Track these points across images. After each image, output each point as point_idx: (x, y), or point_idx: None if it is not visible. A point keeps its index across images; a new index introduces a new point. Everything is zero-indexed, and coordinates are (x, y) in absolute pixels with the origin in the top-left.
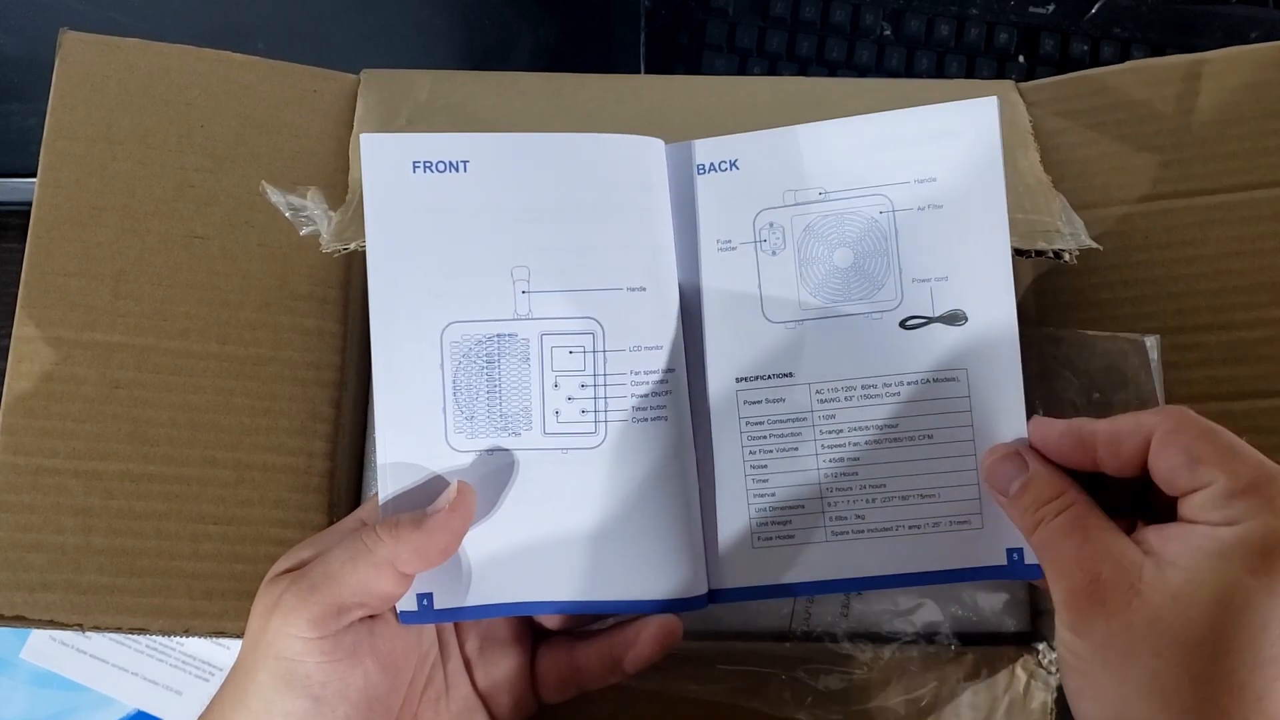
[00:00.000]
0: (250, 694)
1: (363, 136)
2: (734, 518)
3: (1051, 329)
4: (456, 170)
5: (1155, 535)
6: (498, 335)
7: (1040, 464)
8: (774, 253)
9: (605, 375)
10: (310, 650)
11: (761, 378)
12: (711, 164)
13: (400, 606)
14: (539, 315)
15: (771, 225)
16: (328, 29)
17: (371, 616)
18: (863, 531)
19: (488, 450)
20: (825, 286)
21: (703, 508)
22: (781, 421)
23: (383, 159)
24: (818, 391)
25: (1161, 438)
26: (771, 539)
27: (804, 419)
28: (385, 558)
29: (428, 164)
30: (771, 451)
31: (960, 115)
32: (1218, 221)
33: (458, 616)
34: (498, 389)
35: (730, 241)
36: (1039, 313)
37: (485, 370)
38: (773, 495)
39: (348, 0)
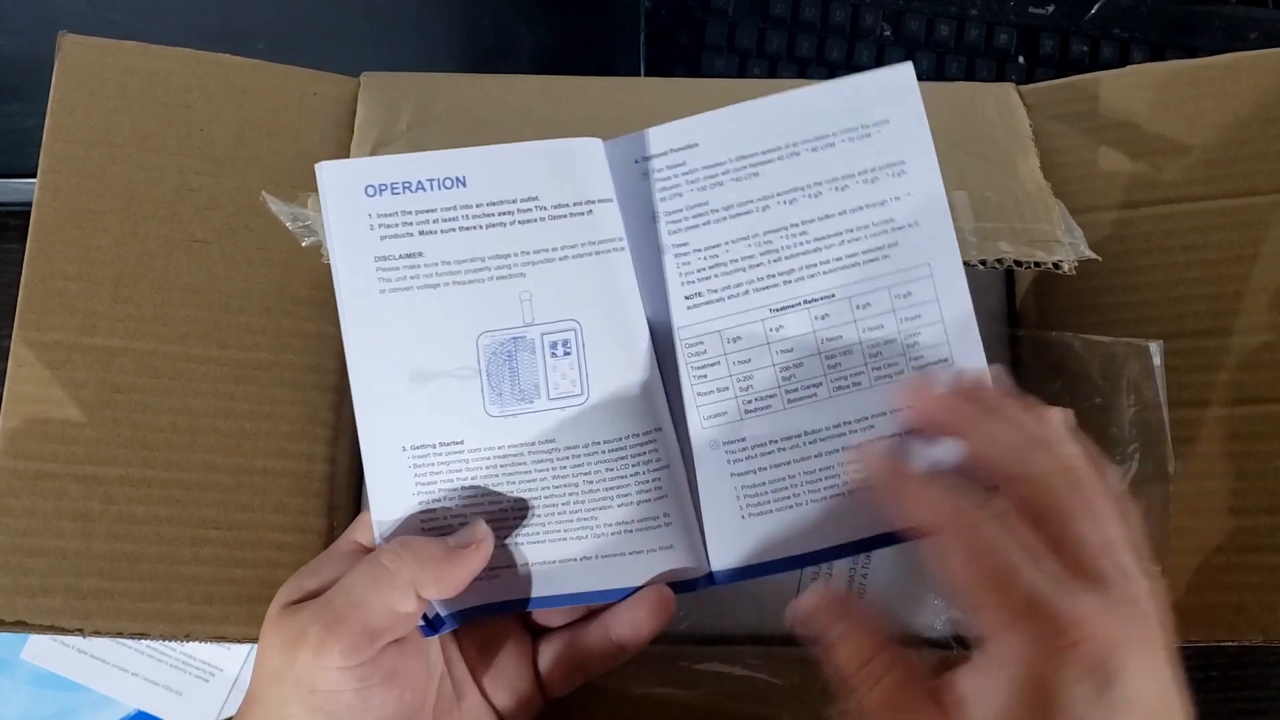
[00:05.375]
0: None
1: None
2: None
3: (1053, 333)
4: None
5: (962, 684)
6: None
7: (857, 621)
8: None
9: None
10: (347, 679)
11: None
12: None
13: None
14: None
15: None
16: (327, 31)
17: (401, 638)
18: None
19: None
20: None
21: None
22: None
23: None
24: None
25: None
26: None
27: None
28: (408, 580)
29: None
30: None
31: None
32: (1217, 226)
33: (464, 619)
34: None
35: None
36: (1039, 316)
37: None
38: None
39: (347, 2)
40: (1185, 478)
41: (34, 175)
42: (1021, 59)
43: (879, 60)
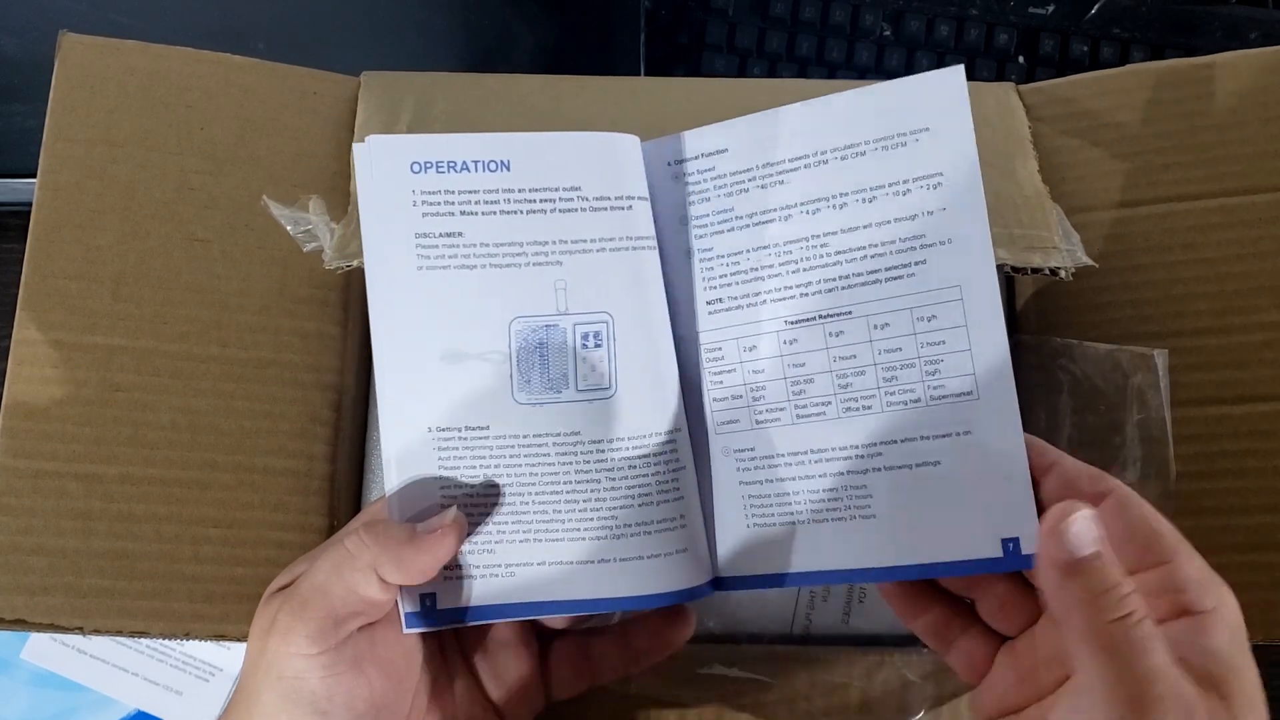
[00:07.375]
0: (256, 717)
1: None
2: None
3: (1057, 340)
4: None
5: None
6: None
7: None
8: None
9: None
10: (312, 666)
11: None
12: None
13: (404, 609)
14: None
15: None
16: (328, 31)
17: (371, 624)
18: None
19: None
20: None
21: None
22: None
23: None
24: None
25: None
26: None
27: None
28: (368, 563)
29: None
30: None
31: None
32: (1217, 225)
33: (462, 619)
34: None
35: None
36: (1039, 316)
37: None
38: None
39: (348, 2)
40: (1185, 478)
41: (34, 175)
42: (1021, 59)
43: (879, 60)
